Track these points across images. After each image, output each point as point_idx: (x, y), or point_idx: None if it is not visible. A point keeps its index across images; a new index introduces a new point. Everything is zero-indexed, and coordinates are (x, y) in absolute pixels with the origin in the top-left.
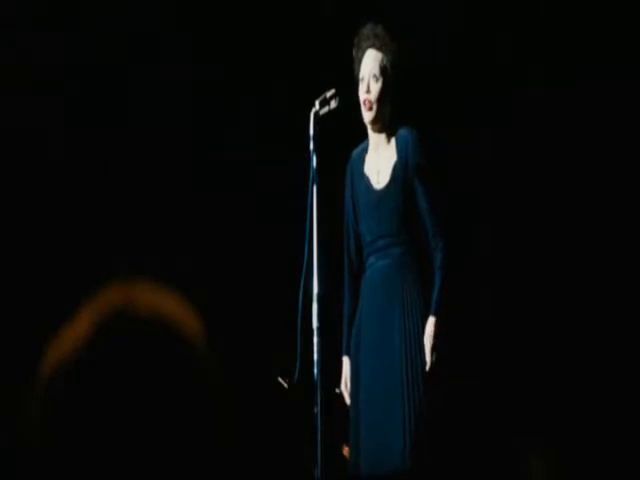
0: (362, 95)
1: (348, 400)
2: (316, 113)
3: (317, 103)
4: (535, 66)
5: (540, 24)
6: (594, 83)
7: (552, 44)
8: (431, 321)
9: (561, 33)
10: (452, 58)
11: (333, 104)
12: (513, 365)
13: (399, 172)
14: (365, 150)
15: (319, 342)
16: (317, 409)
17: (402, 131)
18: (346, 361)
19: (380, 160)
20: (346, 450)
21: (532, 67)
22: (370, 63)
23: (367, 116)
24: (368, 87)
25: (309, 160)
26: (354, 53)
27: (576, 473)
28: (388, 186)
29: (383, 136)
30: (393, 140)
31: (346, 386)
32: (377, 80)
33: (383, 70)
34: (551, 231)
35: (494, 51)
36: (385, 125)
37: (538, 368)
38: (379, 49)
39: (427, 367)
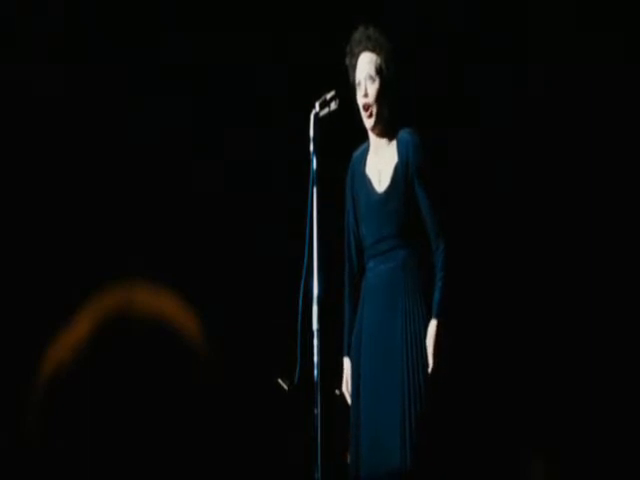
0: (360, 100)
1: (349, 400)
2: (316, 115)
3: (317, 105)
4: (535, 66)
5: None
6: (593, 83)
7: (551, 44)
8: (433, 323)
9: (559, 33)
10: (451, 56)
11: (333, 106)
12: (515, 367)
13: (400, 174)
14: (366, 151)
15: (319, 344)
16: (317, 410)
17: (403, 133)
18: (347, 362)
19: (381, 162)
20: (348, 457)
21: (532, 67)
22: (365, 66)
23: (368, 123)
24: (365, 91)
25: (309, 161)
26: (347, 61)
27: (576, 474)
28: (389, 188)
29: (384, 137)
30: (394, 142)
31: (347, 387)
32: (373, 81)
33: (379, 70)
34: (554, 232)
35: (494, 50)
36: (385, 127)
37: (540, 370)
38: (373, 50)
39: (429, 369)
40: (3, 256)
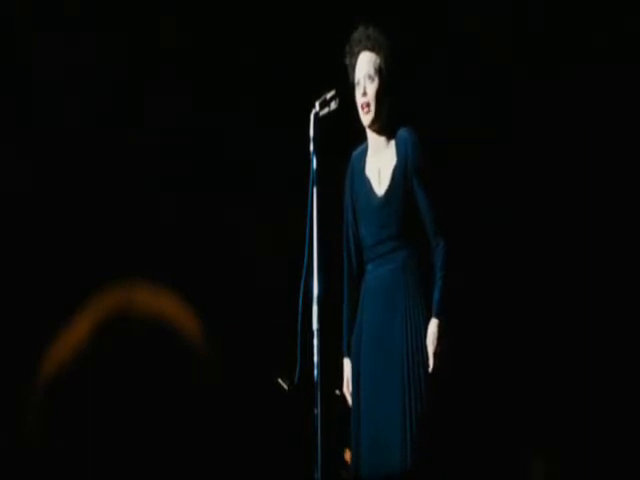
0: (359, 99)
1: (350, 401)
2: (316, 114)
3: (317, 104)
4: (535, 66)
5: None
6: (592, 83)
7: (548, 45)
8: (433, 322)
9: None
10: (452, 57)
11: (333, 105)
12: (515, 367)
13: (399, 174)
14: (365, 151)
15: (319, 344)
16: (317, 410)
17: (401, 132)
18: (347, 363)
19: (380, 162)
20: (348, 455)
21: (532, 66)
22: (364, 65)
23: (366, 119)
24: (364, 90)
25: (309, 161)
26: (347, 61)
27: (576, 474)
28: (389, 189)
29: (383, 137)
30: (393, 141)
31: (348, 387)
32: (373, 81)
33: (378, 70)
34: (553, 230)
35: (494, 50)
36: (384, 126)
37: (540, 370)
38: (372, 50)
39: (429, 368)
40: (3, 256)
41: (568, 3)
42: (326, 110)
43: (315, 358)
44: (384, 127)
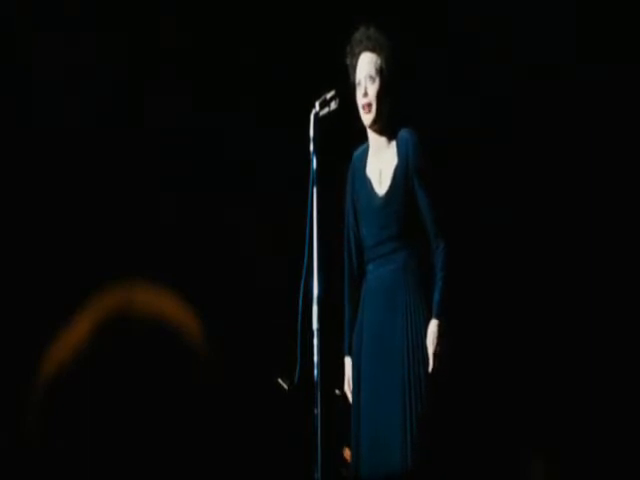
0: (360, 100)
1: (352, 400)
2: (316, 114)
3: (317, 104)
4: (535, 66)
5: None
6: (592, 83)
7: (549, 45)
8: (433, 323)
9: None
10: (452, 57)
11: (333, 105)
12: (515, 367)
13: (400, 175)
14: (366, 152)
15: (319, 344)
16: (317, 410)
17: (402, 132)
18: (348, 362)
19: (381, 162)
20: (347, 453)
21: (532, 66)
22: (365, 66)
23: (366, 119)
24: (365, 90)
25: (309, 161)
26: (348, 61)
27: (576, 474)
28: (390, 190)
29: (383, 138)
30: (394, 142)
31: (349, 386)
32: (373, 81)
33: (379, 70)
34: (553, 230)
35: (493, 50)
36: (385, 126)
37: (540, 370)
38: (373, 50)
39: (429, 369)
40: (3, 256)
41: (568, 3)
42: (326, 110)
43: (315, 358)
44: (385, 127)
